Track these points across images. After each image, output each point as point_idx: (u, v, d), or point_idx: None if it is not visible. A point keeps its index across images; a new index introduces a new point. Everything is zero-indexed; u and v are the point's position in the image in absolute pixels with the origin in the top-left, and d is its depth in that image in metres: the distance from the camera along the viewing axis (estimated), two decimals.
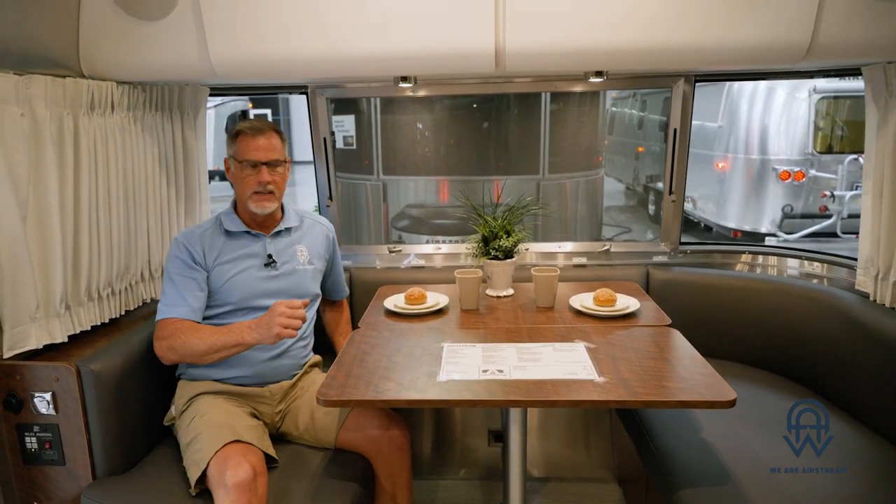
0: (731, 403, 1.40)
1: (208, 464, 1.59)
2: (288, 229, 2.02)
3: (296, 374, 1.99)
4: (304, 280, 2.01)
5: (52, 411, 1.68)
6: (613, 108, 11.31)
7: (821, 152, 6.79)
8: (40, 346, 1.72)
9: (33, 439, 1.70)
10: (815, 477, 1.62)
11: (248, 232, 1.95)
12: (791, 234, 6.98)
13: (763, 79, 2.46)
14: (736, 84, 7.10)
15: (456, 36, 1.76)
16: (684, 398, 1.45)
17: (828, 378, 2.08)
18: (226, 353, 1.74)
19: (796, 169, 6.81)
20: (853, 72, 2.04)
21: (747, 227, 7.25)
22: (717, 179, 7.66)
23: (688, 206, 8.50)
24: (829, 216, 6.86)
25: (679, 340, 1.79)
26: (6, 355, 1.65)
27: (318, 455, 1.85)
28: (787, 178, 6.84)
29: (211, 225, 1.95)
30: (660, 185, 8.57)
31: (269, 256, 1.95)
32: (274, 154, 1.90)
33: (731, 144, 7.33)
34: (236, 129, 1.91)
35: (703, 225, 8.26)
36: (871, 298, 2.01)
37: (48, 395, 1.67)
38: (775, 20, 1.69)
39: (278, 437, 1.91)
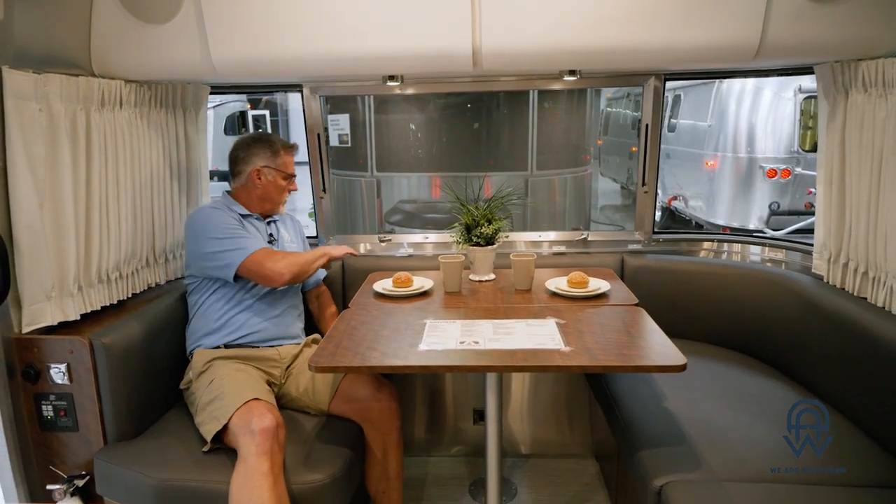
0: (682, 368, 1.55)
1: (230, 419, 1.76)
2: (276, 220, 2.36)
3: (300, 342, 2.23)
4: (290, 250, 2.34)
5: (66, 381, 1.84)
6: (608, 109, 11.47)
7: (806, 150, 6.95)
8: (55, 323, 1.87)
9: (49, 407, 1.86)
10: (755, 433, 1.78)
11: (251, 215, 2.26)
12: (778, 230, 7.14)
13: (727, 77, 2.61)
14: (725, 84, 7.26)
15: (436, 37, 1.92)
16: (640, 363, 1.60)
17: (784, 353, 2.24)
18: (318, 263, 2.16)
19: (783, 167, 6.97)
20: (807, 70, 2.20)
21: (736, 224, 7.40)
22: (708, 178, 7.83)
23: (679, 205, 8.66)
24: (815, 213, 7.01)
25: (643, 317, 1.94)
26: (24, 330, 1.81)
27: (312, 420, 2.01)
28: (773, 176, 7.00)
29: (225, 208, 2.21)
30: None
31: (270, 235, 2.29)
32: None
33: (721, 143, 7.49)
34: (281, 145, 2.26)
35: (694, 222, 8.42)
36: (825, 280, 2.17)
37: (63, 367, 1.83)
38: (727, 22, 1.85)
39: (278, 399, 2.07)
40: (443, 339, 1.77)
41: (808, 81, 6.85)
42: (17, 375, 1.83)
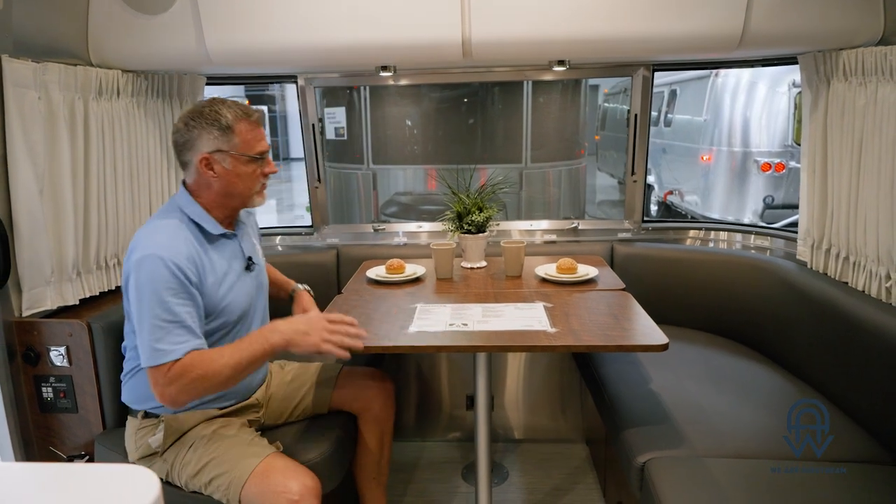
0: (664, 347, 1.59)
1: (243, 488, 1.55)
2: (241, 223, 1.83)
3: (265, 373, 1.96)
4: (264, 273, 1.92)
5: (66, 364, 1.88)
6: (606, 105, 11.51)
7: (800, 144, 6.98)
8: (54, 308, 1.92)
9: (49, 389, 1.90)
10: (729, 406, 1.83)
11: (224, 234, 1.71)
12: (772, 223, 7.19)
13: (714, 67, 2.65)
14: (720, 78, 7.31)
15: (427, 27, 1.96)
16: (623, 343, 1.65)
17: (768, 337, 2.29)
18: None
19: (777, 161, 7.02)
20: (792, 60, 2.25)
21: (730, 218, 7.45)
22: (703, 172, 7.88)
23: (675, 199, 8.71)
24: None
25: (629, 301, 1.99)
26: (24, 314, 1.85)
27: None
28: (767, 170, 7.05)
29: (187, 232, 1.62)
30: (650, 178, 8.78)
31: (249, 259, 1.78)
32: None
33: (716, 137, 7.54)
34: (232, 116, 1.61)
35: (689, 217, 8.47)
36: (809, 266, 2.22)
37: (63, 349, 1.87)
38: (710, 12, 1.89)
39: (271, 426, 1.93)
40: (433, 321, 1.82)
41: None
42: (17, 358, 1.87)
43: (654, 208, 8.85)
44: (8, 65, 1.71)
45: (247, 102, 1.78)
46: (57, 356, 1.88)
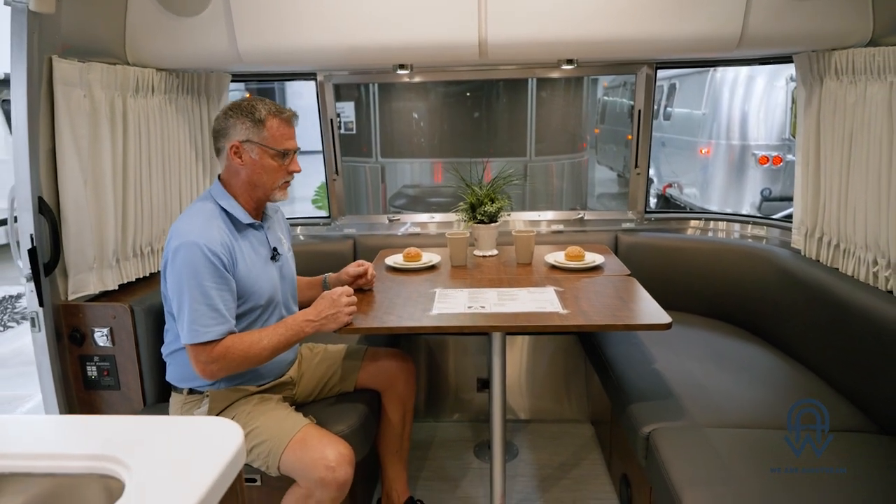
0: (668, 326, 1.73)
1: (281, 456, 1.69)
2: (268, 217, 1.96)
3: (295, 355, 2.08)
4: (291, 266, 2.03)
5: (109, 344, 2.02)
6: (605, 98, 11.60)
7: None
8: (97, 292, 2.05)
9: (93, 368, 2.04)
10: (729, 386, 1.98)
11: (251, 224, 1.84)
12: (770, 216, 7.32)
13: (713, 65, 2.77)
14: (719, 73, 7.44)
15: (445, 29, 2.09)
16: (629, 322, 1.79)
17: (764, 320, 2.43)
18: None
19: (774, 154, 7.15)
20: (787, 59, 2.37)
21: (729, 211, 7.59)
22: (702, 165, 8.01)
23: (674, 192, 8.85)
24: None
25: (634, 285, 2.13)
26: (70, 298, 1.98)
27: None
28: (765, 163, 7.18)
29: (219, 220, 1.76)
30: (650, 171, 8.92)
31: (275, 250, 1.91)
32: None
33: (714, 131, 7.66)
34: (266, 112, 1.75)
35: (688, 209, 8.61)
36: (803, 254, 2.36)
37: (106, 330, 2.00)
38: (711, 15, 2.02)
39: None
40: (452, 304, 1.96)
41: None
42: (64, 339, 2.00)
43: (653, 201, 8.98)
44: (57, 65, 1.83)
45: (247, 95, 1.91)
46: (101, 337, 2.01)
